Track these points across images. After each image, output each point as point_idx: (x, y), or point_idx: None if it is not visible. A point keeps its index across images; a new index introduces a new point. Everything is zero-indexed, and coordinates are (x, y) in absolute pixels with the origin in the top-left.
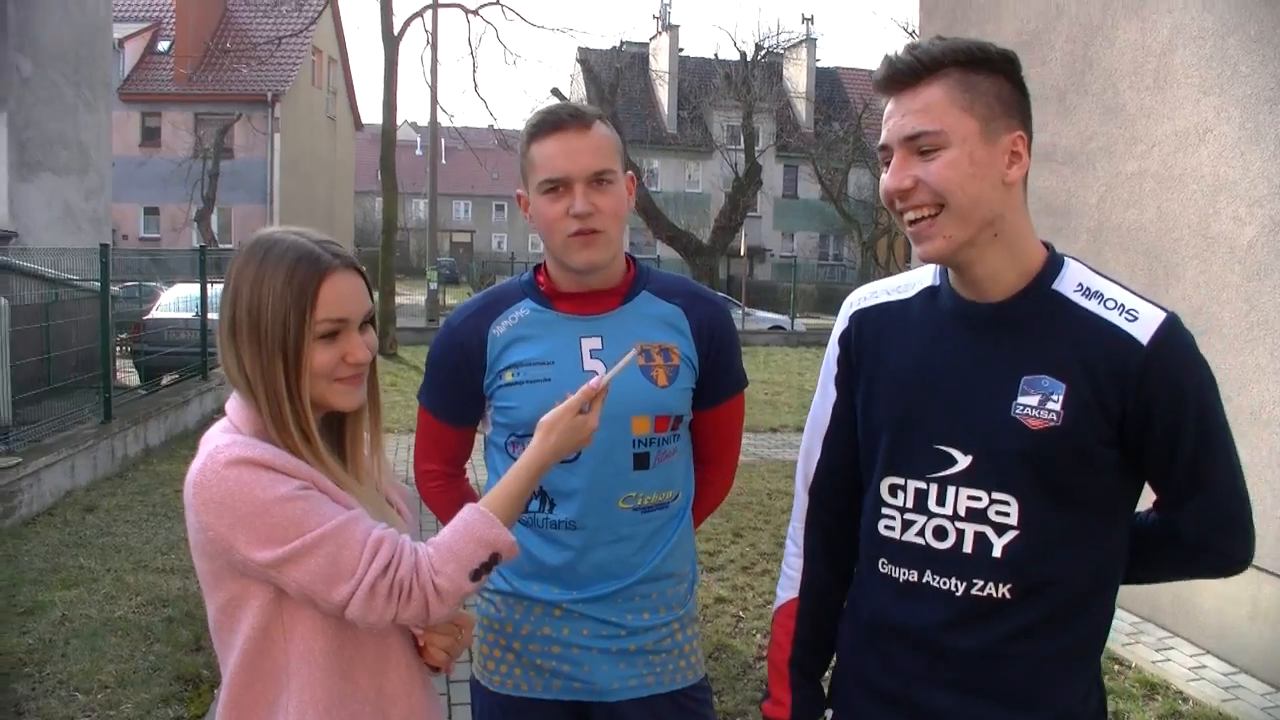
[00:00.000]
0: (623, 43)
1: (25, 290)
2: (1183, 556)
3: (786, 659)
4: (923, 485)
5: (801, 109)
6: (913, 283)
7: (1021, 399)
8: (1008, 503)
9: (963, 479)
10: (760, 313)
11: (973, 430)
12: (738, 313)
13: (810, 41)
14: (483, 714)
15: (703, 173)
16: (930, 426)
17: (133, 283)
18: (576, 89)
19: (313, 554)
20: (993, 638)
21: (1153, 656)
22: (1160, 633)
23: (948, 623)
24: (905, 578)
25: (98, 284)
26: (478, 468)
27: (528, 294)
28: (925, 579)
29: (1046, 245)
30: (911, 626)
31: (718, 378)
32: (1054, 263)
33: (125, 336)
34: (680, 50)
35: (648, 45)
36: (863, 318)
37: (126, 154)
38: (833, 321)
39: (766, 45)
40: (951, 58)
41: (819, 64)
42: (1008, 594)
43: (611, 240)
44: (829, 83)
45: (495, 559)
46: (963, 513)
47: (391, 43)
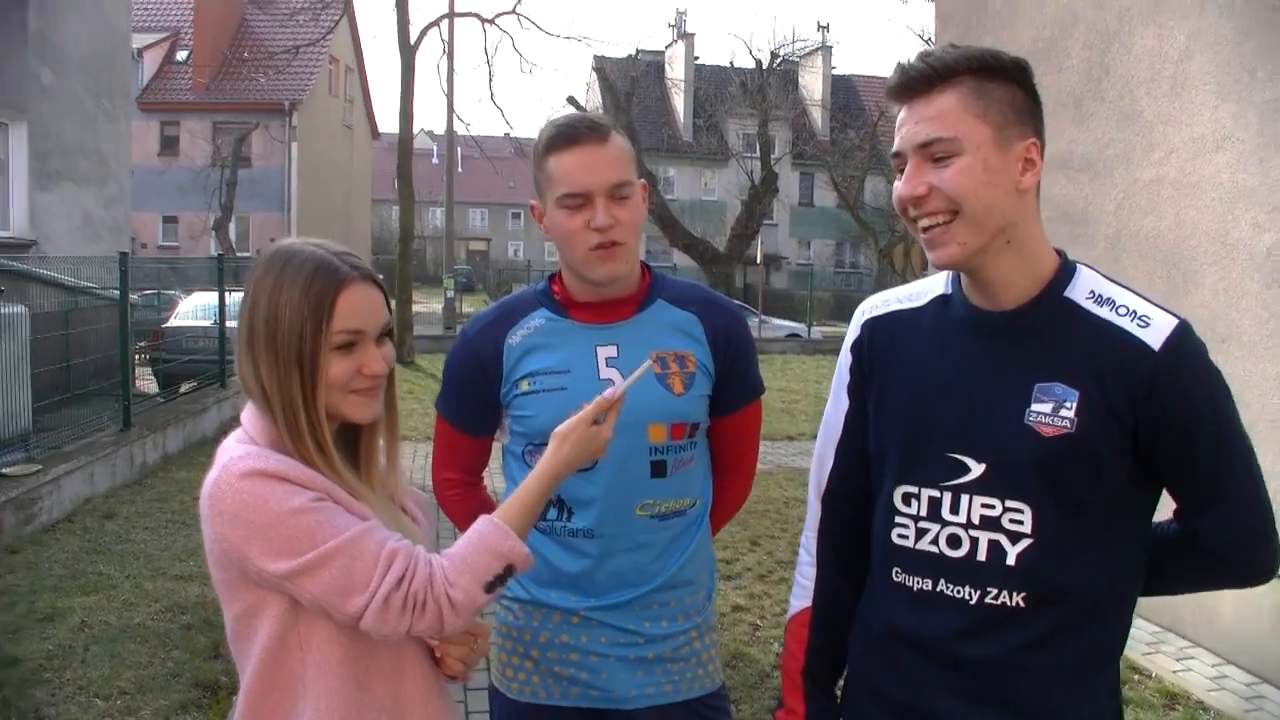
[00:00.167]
0: (638, 51)
1: (45, 298)
2: (1205, 566)
3: (800, 668)
4: (936, 493)
5: (817, 116)
6: (925, 291)
7: (1034, 406)
8: (1021, 511)
9: (976, 487)
10: (777, 320)
11: (985, 438)
12: (754, 320)
13: (826, 49)
14: None
15: (718, 181)
16: (943, 434)
17: (151, 291)
18: (592, 97)
19: (327, 566)
20: (1006, 647)
21: (1173, 666)
22: (1181, 642)
23: (961, 632)
24: (918, 586)
25: (117, 292)
26: (495, 476)
27: (543, 303)
28: (939, 587)
29: (1059, 252)
30: (924, 636)
31: (734, 385)
32: (1066, 270)
33: (144, 344)
34: (696, 58)
35: (663, 53)
36: (875, 326)
37: (145, 163)
38: (847, 330)
39: (782, 53)
40: (965, 65)
41: (834, 72)
42: (1021, 603)
43: (631, 251)
44: (845, 90)
45: (510, 571)
46: (976, 521)
47: (408, 52)
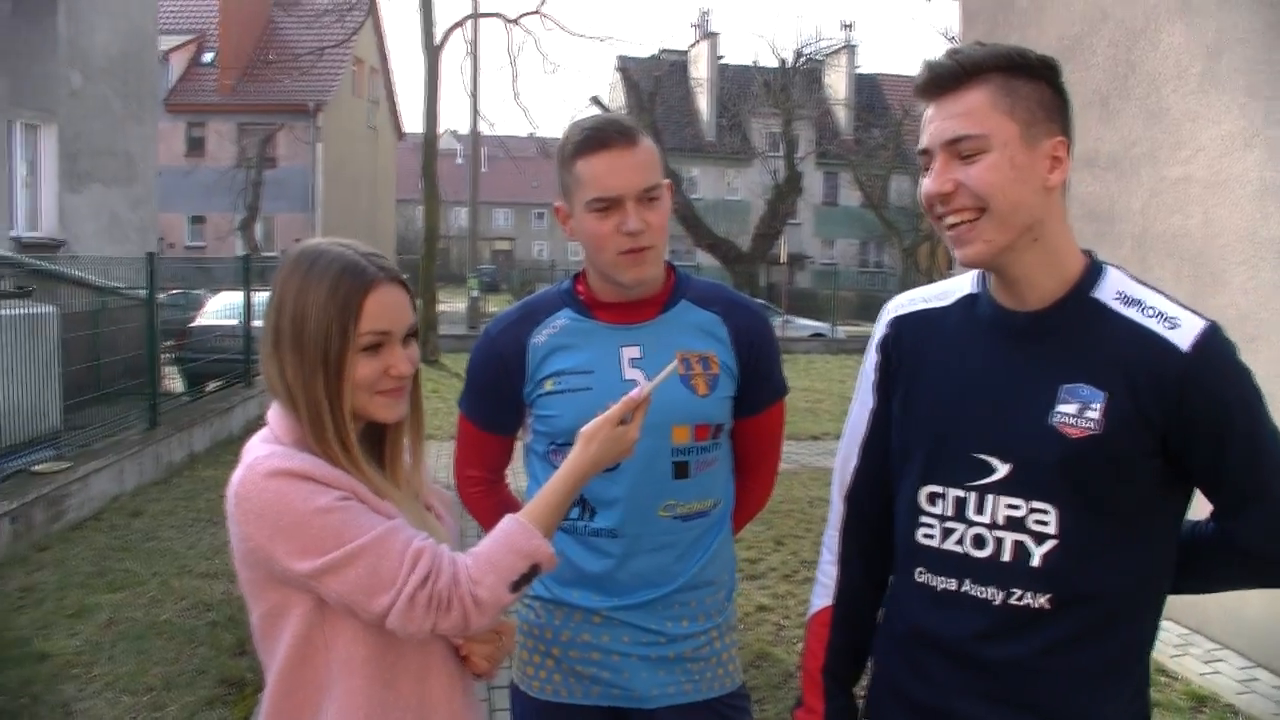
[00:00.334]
0: (661, 51)
1: (74, 298)
2: (1238, 565)
3: (820, 667)
4: (962, 494)
5: (841, 116)
6: (952, 290)
7: (1060, 407)
8: (1046, 511)
9: (1001, 487)
10: (801, 320)
11: (1011, 439)
12: (778, 320)
13: (850, 48)
14: (522, 719)
15: (742, 180)
16: (969, 434)
17: (178, 291)
18: (615, 97)
19: (352, 565)
20: (1031, 649)
21: (1201, 669)
22: (1209, 644)
23: (985, 633)
24: (942, 586)
25: (145, 292)
26: (517, 475)
27: (566, 303)
28: (963, 588)
29: (1087, 253)
30: (948, 636)
31: (758, 385)
32: (1093, 270)
33: (171, 344)
34: (719, 58)
35: (687, 53)
36: (901, 324)
37: (172, 164)
38: (873, 329)
39: (806, 52)
40: (992, 63)
41: (859, 71)
42: (1046, 604)
43: (659, 254)
44: (869, 89)
45: (535, 570)
46: (1001, 521)
47: (432, 53)
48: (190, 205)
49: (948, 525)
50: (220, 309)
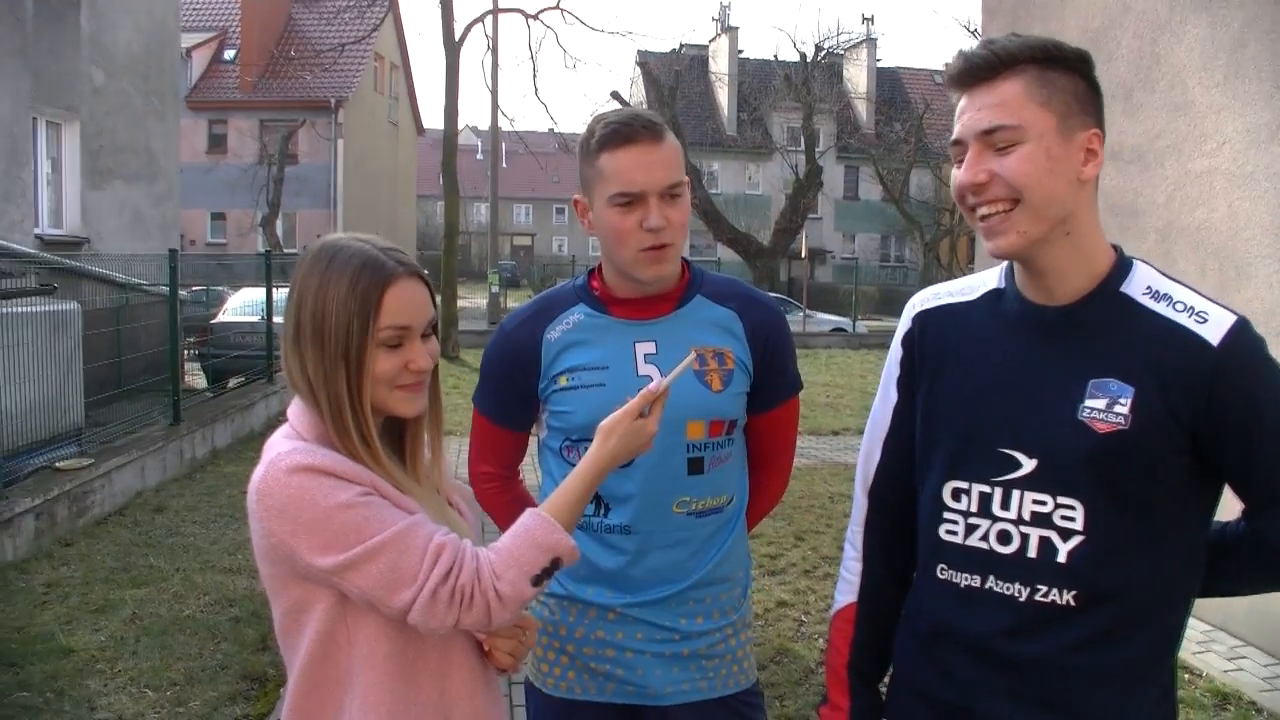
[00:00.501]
0: (682, 45)
1: (97, 295)
2: (1271, 566)
3: (845, 664)
4: (987, 489)
5: (862, 110)
6: (977, 285)
7: (1088, 402)
8: (1073, 507)
9: (1027, 483)
10: (821, 315)
11: (1038, 433)
12: (799, 315)
13: (870, 42)
14: (537, 716)
15: (763, 175)
16: (994, 430)
17: (200, 287)
18: (636, 92)
19: (374, 560)
20: (1056, 646)
21: (1224, 666)
22: (1232, 641)
23: (1009, 630)
24: (966, 583)
25: (166, 288)
26: (531, 470)
27: (581, 299)
28: (987, 584)
29: (1115, 248)
30: (971, 633)
31: (772, 381)
32: (1122, 265)
33: (193, 340)
34: (740, 52)
35: (707, 47)
36: (926, 319)
37: (193, 160)
38: (895, 324)
39: (826, 46)
40: (1027, 54)
41: (879, 64)
42: (1072, 601)
43: (679, 251)
44: (890, 83)
45: (556, 564)
46: (1027, 517)
47: (453, 48)
48: (212, 202)
49: (972, 521)
50: (242, 305)
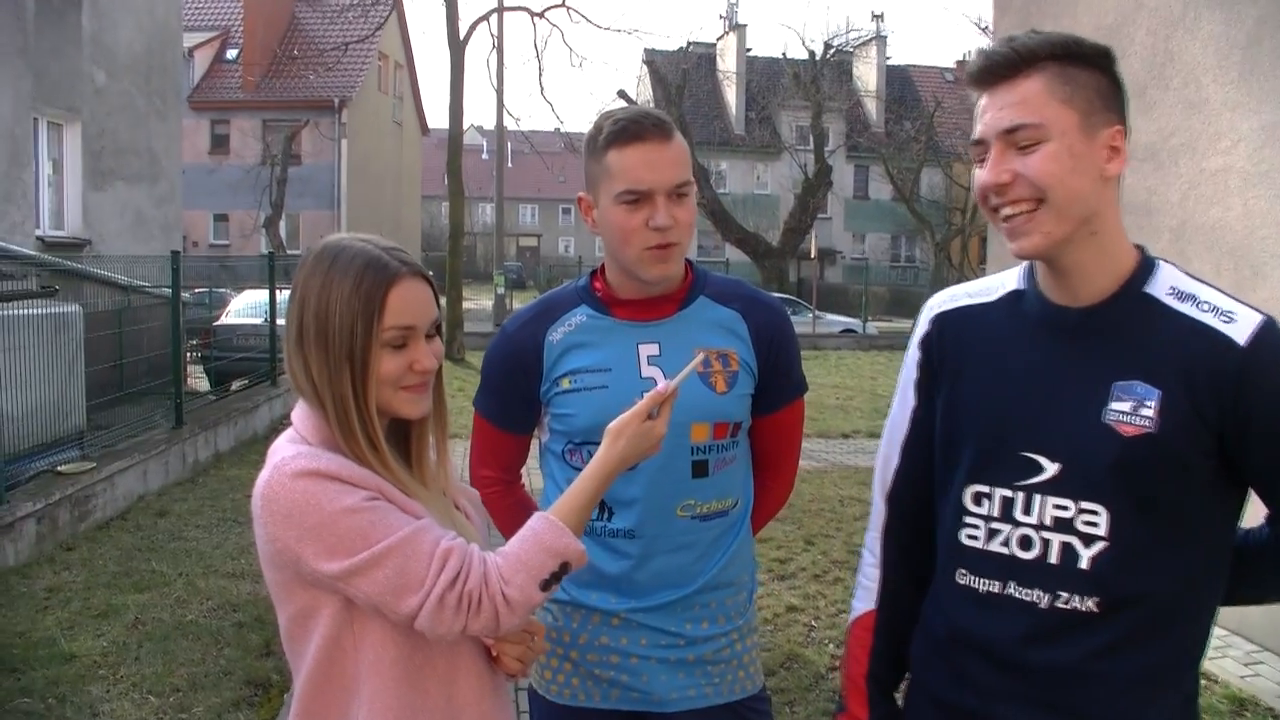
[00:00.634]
0: (689, 43)
1: (99, 297)
2: None
3: (864, 673)
4: (1009, 494)
5: (872, 108)
6: (996, 286)
7: (1113, 405)
8: (1096, 513)
9: (1049, 488)
10: (831, 316)
11: (1061, 437)
12: (808, 316)
13: (880, 39)
14: None
15: (771, 174)
16: (1016, 433)
17: (203, 289)
18: (643, 90)
19: (380, 565)
20: (1077, 653)
21: (1241, 671)
22: (1249, 646)
23: (1030, 636)
24: (986, 588)
25: (169, 290)
26: (533, 474)
27: (584, 300)
28: (1008, 590)
29: (1139, 247)
30: (991, 639)
31: (777, 383)
32: (1146, 265)
33: (195, 342)
34: (748, 50)
35: (715, 45)
36: (944, 321)
37: (196, 161)
38: (906, 325)
39: (835, 44)
40: (1048, 50)
41: (889, 62)
42: (1094, 607)
43: (684, 251)
44: (900, 81)
45: (565, 568)
46: (1049, 522)
47: (457, 47)
48: (214, 203)
49: (993, 526)
50: (245, 307)
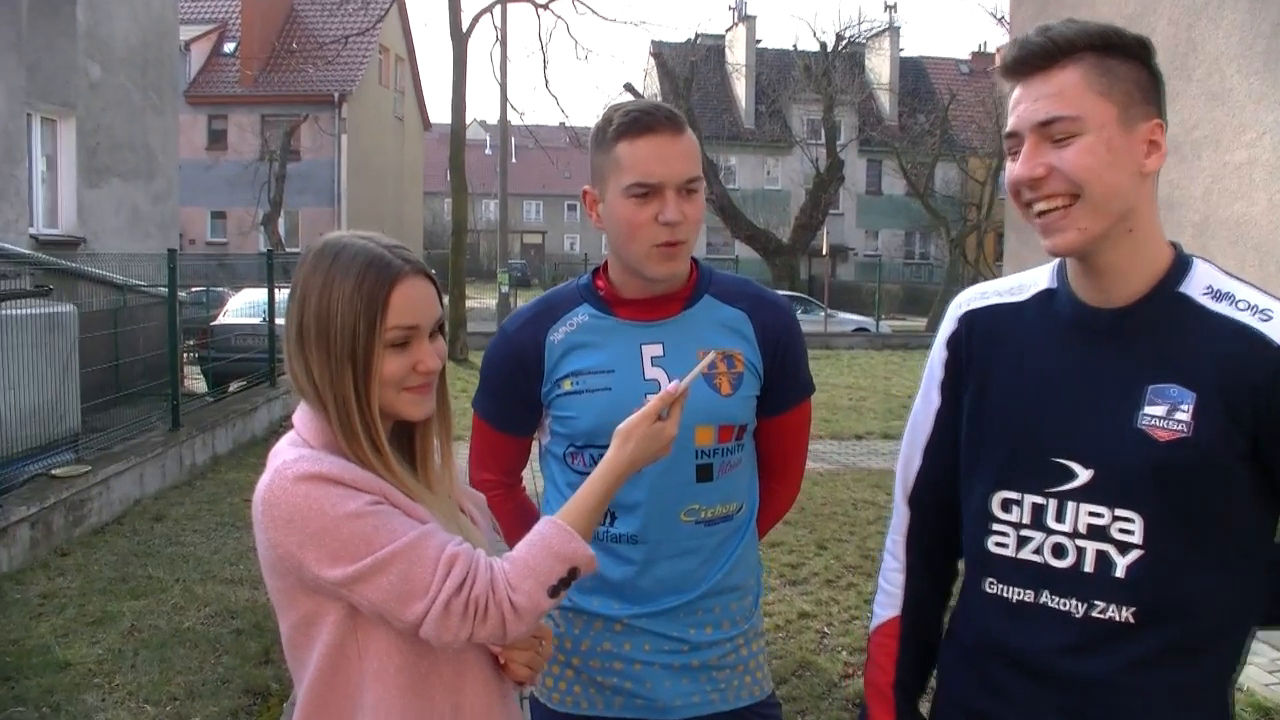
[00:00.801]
0: (698, 35)
1: (94, 296)
2: None
3: (890, 682)
4: (1041, 500)
5: (885, 101)
6: (1027, 285)
7: (1147, 409)
8: (1131, 520)
9: (1082, 494)
10: (843, 314)
11: (1093, 442)
12: (820, 315)
13: (893, 30)
14: None
15: (782, 169)
16: (1047, 438)
17: (200, 288)
18: (650, 84)
19: (384, 571)
20: (1113, 665)
21: (1266, 679)
22: (1273, 654)
23: (1064, 647)
24: (1018, 598)
25: (165, 290)
26: (535, 476)
27: (586, 299)
28: (1041, 599)
29: (1174, 245)
30: (1023, 650)
31: (784, 384)
32: (1181, 263)
33: (192, 343)
34: (757, 42)
35: (723, 37)
36: (973, 320)
37: (193, 157)
38: (920, 323)
39: (847, 35)
40: (1086, 41)
41: (903, 54)
42: (1130, 618)
43: (691, 249)
44: (914, 73)
45: (574, 574)
46: (1083, 530)
47: (460, 40)
48: (212, 200)
49: (1024, 533)
50: (243, 307)
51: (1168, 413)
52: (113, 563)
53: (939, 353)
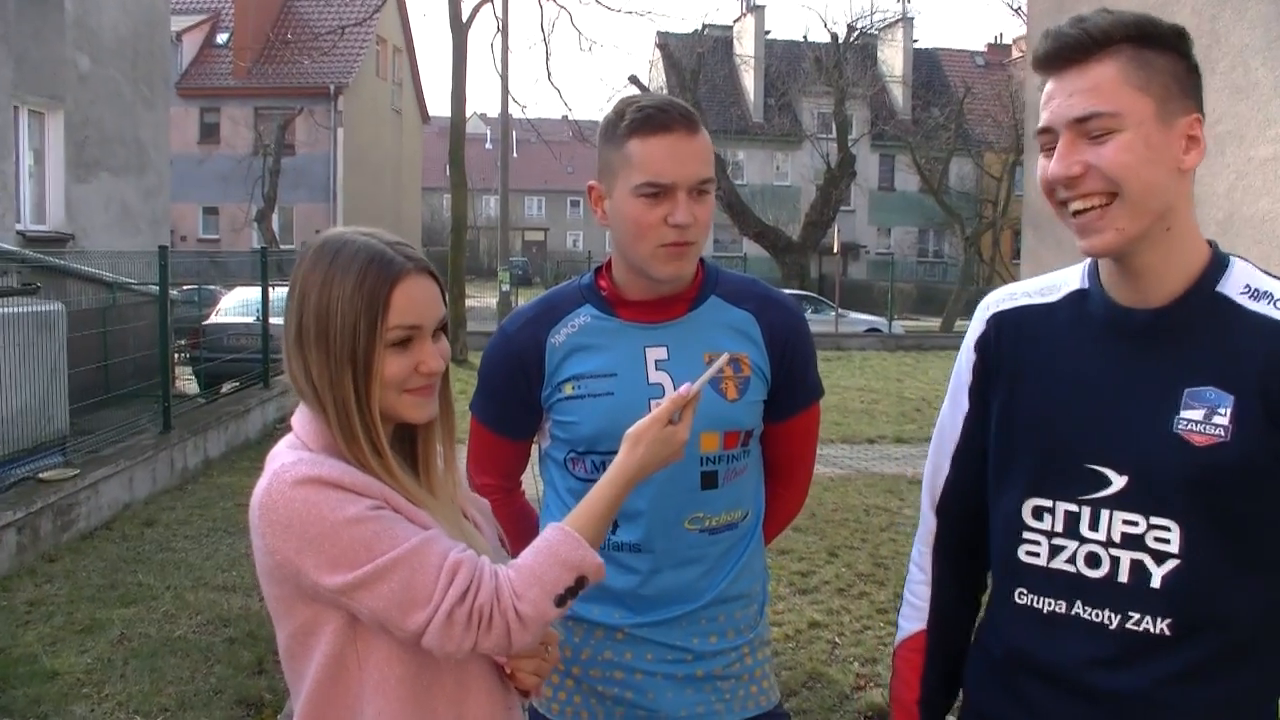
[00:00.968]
0: (705, 26)
1: (82, 295)
2: None
3: (916, 699)
4: (1074, 508)
5: (898, 94)
6: (1058, 285)
7: (1184, 413)
8: (1168, 528)
9: (1117, 502)
10: (855, 314)
11: (1129, 448)
12: (831, 315)
13: (906, 21)
14: None
15: (792, 164)
16: (1080, 444)
17: (191, 286)
18: (656, 76)
19: (386, 579)
20: (1148, 679)
21: None
22: None
23: (1098, 660)
24: (1050, 609)
25: (156, 288)
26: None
27: (588, 299)
28: (1074, 610)
29: (1210, 244)
30: (1055, 664)
31: (792, 388)
32: (1219, 262)
33: (184, 343)
34: (767, 33)
35: (731, 28)
36: (1002, 321)
37: (184, 151)
38: (934, 324)
39: (859, 26)
40: (1123, 32)
41: (916, 45)
42: (1167, 630)
43: (700, 252)
44: (928, 65)
45: (582, 582)
46: (1118, 539)
47: (460, 30)
48: (204, 195)
49: (1056, 542)
50: (236, 305)
51: (1205, 417)
52: (102, 569)
53: (967, 356)
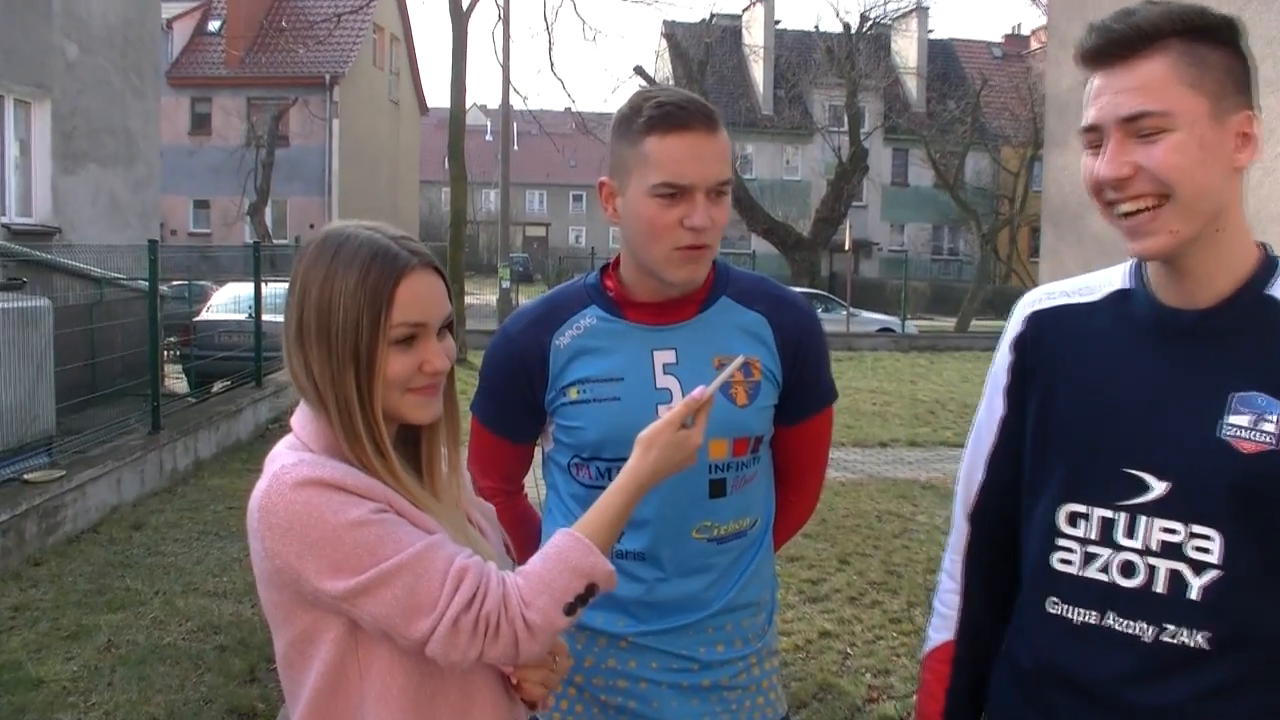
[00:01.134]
0: (713, 15)
1: (69, 290)
2: None
3: (941, 710)
4: (1110, 514)
5: (912, 86)
6: (1099, 284)
7: (1231, 418)
8: (1209, 537)
9: (1156, 508)
10: (867, 313)
11: (1171, 453)
12: (842, 314)
13: (921, 11)
14: None
15: (802, 158)
16: (1120, 448)
17: (182, 281)
18: (662, 66)
19: (389, 585)
20: (1184, 694)
21: None
22: None
23: (1131, 674)
24: (1081, 619)
25: (145, 283)
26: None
27: (594, 300)
28: (1106, 621)
29: (1262, 245)
30: (1086, 676)
31: (804, 392)
32: (1269, 264)
33: (174, 340)
34: (777, 23)
35: (740, 18)
36: (1041, 321)
37: (175, 143)
38: (948, 323)
39: (873, 15)
40: (1172, 26)
41: (931, 36)
42: (1204, 643)
43: (714, 254)
44: (943, 56)
45: (592, 590)
46: (1155, 547)
47: (460, 18)
48: (195, 188)
49: (1090, 550)
50: (228, 301)
51: (1253, 423)
52: (89, 574)
53: (1004, 356)
